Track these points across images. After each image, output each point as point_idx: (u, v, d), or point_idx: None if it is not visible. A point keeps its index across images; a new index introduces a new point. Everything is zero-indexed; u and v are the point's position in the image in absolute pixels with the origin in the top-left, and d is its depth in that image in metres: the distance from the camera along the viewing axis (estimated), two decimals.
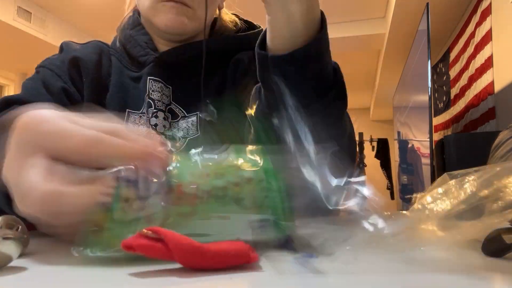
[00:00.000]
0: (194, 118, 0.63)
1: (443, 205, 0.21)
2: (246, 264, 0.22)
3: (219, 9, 0.73)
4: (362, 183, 0.28)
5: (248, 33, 0.71)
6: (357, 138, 5.31)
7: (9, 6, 3.50)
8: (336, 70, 0.48)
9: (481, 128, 2.49)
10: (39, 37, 3.78)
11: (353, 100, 6.88)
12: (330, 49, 0.48)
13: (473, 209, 0.21)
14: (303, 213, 0.45)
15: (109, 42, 0.72)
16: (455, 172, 0.24)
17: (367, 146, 5.39)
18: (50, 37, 3.89)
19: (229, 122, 0.63)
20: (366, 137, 5.33)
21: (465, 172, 0.24)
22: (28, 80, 0.64)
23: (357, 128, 6.81)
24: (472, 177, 0.22)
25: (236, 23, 0.73)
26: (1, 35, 3.72)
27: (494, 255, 0.26)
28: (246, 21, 0.75)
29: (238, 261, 0.22)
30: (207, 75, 0.65)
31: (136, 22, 0.69)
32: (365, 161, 5.24)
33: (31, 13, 3.69)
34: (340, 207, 0.30)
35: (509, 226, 0.32)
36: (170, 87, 0.64)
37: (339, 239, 0.26)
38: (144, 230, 0.22)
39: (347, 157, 0.51)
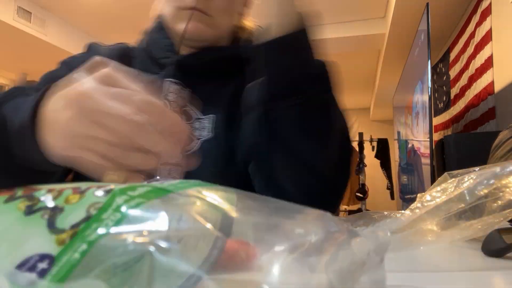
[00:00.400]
0: (207, 121, 0.64)
1: (443, 205, 0.21)
2: (246, 264, 0.22)
3: (240, 15, 0.74)
4: None
5: None
6: (357, 138, 5.31)
7: (9, 6, 3.50)
8: (325, 64, 0.50)
9: (481, 128, 2.49)
10: (39, 37, 3.78)
11: (353, 100, 6.89)
12: (324, 49, 0.50)
13: (473, 208, 0.21)
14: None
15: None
16: (456, 172, 0.24)
17: (367, 146, 5.39)
18: (50, 37, 3.89)
19: (239, 125, 0.64)
20: (366, 137, 5.33)
21: (465, 171, 0.24)
22: (48, 72, 0.67)
23: (357, 128, 6.81)
24: (472, 176, 0.22)
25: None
26: (1, 35, 3.72)
27: (494, 255, 0.26)
28: None
29: (238, 261, 0.22)
30: (224, 80, 0.67)
31: (161, 26, 0.71)
32: (365, 161, 5.24)
33: (31, 13, 3.69)
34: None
35: (509, 226, 0.32)
36: (188, 89, 0.65)
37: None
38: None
39: (338, 153, 0.51)
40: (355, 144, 5.38)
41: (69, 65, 0.66)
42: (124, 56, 0.70)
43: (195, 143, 0.63)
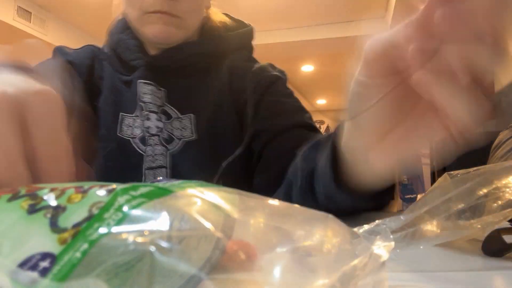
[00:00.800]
0: (187, 120, 0.63)
1: (443, 205, 0.22)
2: (246, 264, 0.22)
3: (207, 8, 0.72)
4: None
5: (238, 32, 0.72)
6: None
7: (9, 6, 3.50)
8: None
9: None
10: (39, 37, 3.79)
11: None
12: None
13: (473, 208, 0.21)
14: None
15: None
16: (456, 172, 0.24)
17: None
18: (50, 37, 3.89)
19: (223, 127, 0.64)
20: None
21: (465, 171, 0.24)
22: None
23: None
24: (472, 176, 0.22)
25: (226, 22, 0.73)
26: (1, 35, 3.73)
27: (494, 255, 0.26)
28: (235, 20, 0.75)
29: (238, 261, 0.22)
30: (200, 76, 0.66)
31: (125, 25, 0.68)
32: None
33: (31, 13, 3.69)
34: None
35: (509, 226, 0.32)
36: (163, 89, 0.64)
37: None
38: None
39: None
40: None
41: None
42: (94, 58, 0.68)
43: (176, 142, 0.62)
